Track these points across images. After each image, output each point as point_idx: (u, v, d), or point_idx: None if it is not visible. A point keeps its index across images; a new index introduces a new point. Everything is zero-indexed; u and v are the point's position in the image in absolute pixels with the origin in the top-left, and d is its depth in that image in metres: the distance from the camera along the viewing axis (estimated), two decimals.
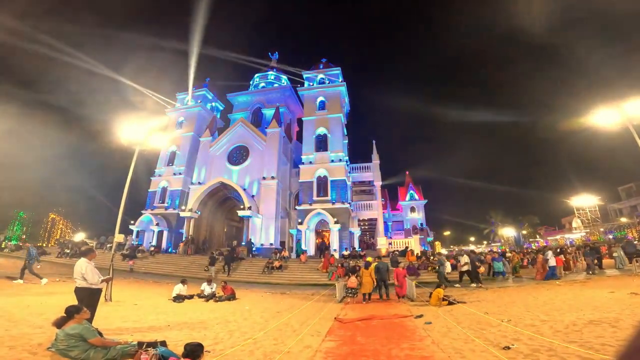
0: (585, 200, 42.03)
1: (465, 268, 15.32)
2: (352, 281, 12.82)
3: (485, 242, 74.13)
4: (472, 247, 76.48)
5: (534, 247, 48.06)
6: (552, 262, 14.77)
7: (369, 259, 13.95)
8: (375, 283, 12.39)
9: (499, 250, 39.97)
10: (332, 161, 28.68)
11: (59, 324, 4.44)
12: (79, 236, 47.37)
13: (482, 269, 17.46)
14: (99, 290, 6.09)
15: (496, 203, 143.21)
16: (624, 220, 40.67)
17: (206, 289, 12.08)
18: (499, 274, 17.32)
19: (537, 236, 57.26)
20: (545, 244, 51.57)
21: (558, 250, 21.26)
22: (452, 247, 77.98)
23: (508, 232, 55.78)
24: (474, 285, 14.62)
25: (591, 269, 15.43)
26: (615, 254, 17.02)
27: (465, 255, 15.83)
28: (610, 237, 38.09)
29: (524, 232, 56.63)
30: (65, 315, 4.53)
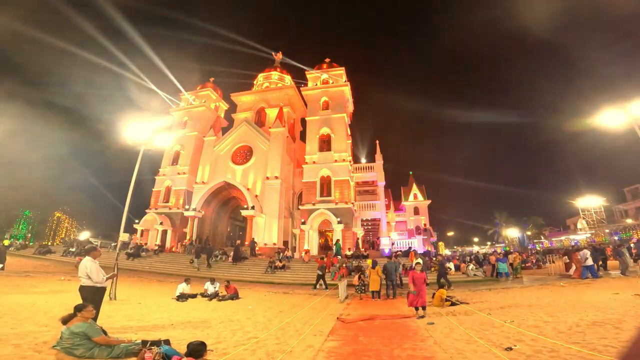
0: (590, 201, 41.70)
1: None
2: (355, 280, 14.16)
3: (489, 243, 73.74)
4: (475, 247, 76.29)
5: (538, 248, 47.81)
6: (590, 261, 14.70)
7: (369, 261, 14.00)
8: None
9: (503, 251, 39.76)
10: (336, 161, 28.67)
11: (65, 320, 4.52)
12: (84, 235, 47.81)
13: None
14: (103, 289, 6.15)
15: (500, 204, 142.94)
16: (629, 221, 40.30)
17: (209, 288, 12.14)
18: (503, 275, 17.32)
19: (542, 237, 56.84)
20: (550, 245, 51.30)
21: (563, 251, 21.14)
22: (455, 247, 77.66)
23: (512, 232, 55.42)
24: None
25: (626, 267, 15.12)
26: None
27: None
28: (616, 238, 37.76)
29: (529, 233, 56.21)
30: (72, 313, 4.62)
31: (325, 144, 30.01)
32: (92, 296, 5.73)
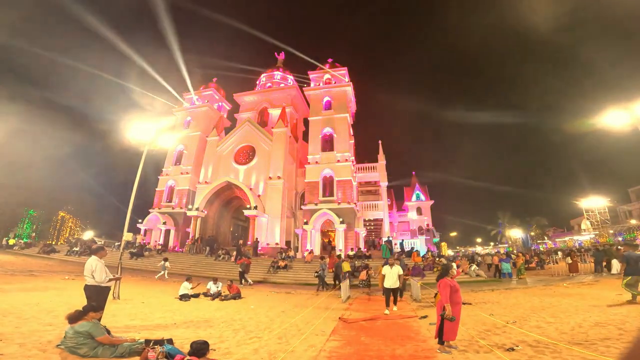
0: (594, 202, 41.50)
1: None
2: (363, 275, 15.03)
3: (492, 244, 73.52)
4: (478, 248, 76.05)
5: (542, 249, 47.63)
6: None
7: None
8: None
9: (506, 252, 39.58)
10: (338, 161, 28.65)
11: (72, 318, 4.57)
12: (88, 234, 48.10)
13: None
14: (107, 288, 6.20)
15: (504, 204, 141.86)
16: (634, 222, 40.04)
17: (212, 287, 12.17)
18: (505, 275, 17.29)
19: (545, 238, 56.59)
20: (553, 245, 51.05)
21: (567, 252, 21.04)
22: (458, 247, 77.43)
23: (515, 233, 55.23)
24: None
25: None
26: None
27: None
28: (620, 239, 37.54)
29: (532, 233, 56.00)
30: (81, 310, 4.68)
31: (327, 144, 29.99)
32: (96, 295, 5.78)
